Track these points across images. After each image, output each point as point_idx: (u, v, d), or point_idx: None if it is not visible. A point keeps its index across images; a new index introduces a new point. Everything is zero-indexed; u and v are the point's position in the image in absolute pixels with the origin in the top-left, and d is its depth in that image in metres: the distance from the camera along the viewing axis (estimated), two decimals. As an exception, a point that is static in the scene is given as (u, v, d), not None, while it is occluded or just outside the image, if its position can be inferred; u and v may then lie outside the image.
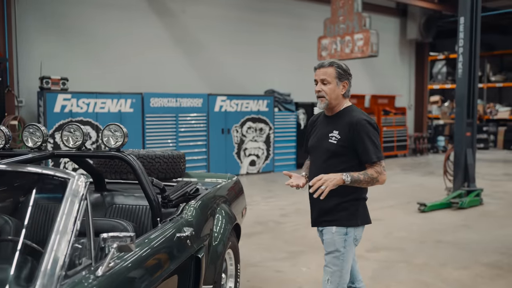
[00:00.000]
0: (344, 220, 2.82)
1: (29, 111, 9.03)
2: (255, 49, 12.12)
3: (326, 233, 2.88)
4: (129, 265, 2.20)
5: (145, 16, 10.43)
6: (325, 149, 2.84)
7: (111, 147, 3.00)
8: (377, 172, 2.76)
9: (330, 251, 2.86)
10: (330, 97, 2.84)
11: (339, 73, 2.84)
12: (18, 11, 8.81)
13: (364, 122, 2.79)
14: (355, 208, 2.85)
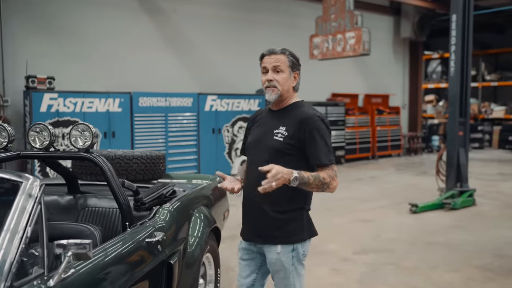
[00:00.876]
0: (291, 235, 2.44)
1: (15, 111, 8.86)
2: (247, 48, 11.97)
3: (270, 253, 2.48)
4: (87, 274, 2.05)
5: (136, 15, 10.28)
6: (268, 147, 2.45)
7: (79, 148, 2.86)
8: (330, 177, 2.36)
9: (278, 271, 2.49)
10: (282, 87, 2.46)
11: (292, 62, 2.49)
12: (3, 8, 8.64)
13: (316, 119, 2.43)
14: (301, 221, 2.47)
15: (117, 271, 2.29)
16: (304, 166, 2.41)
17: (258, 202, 2.45)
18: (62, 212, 3.33)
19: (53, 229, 2.71)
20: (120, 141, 9.24)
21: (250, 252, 2.60)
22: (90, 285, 2.05)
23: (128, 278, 2.34)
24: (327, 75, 13.38)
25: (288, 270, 2.47)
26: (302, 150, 2.43)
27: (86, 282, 2.02)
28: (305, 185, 2.29)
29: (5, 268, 1.72)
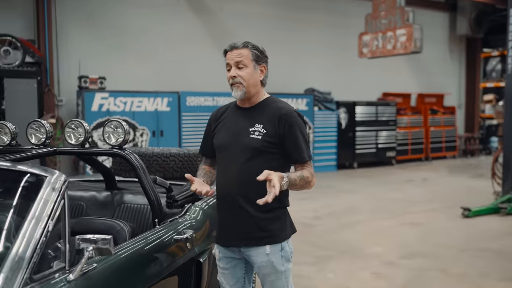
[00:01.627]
0: (277, 234, 2.33)
1: (69, 110, 9.21)
2: (294, 47, 11.88)
3: (258, 256, 2.33)
4: (109, 269, 2.05)
5: (183, 15, 10.42)
6: (245, 147, 2.31)
7: (112, 144, 2.88)
8: (311, 174, 2.29)
9: (268, 274, 2.35)
10: (248, 83, 2.32)
11: (256, 55, 2.34)
12: (58, 13, 9.00)
13: (295, 115, 2.32)
14: (284, 218, 2.38)
15: (142, 267, 2.28)
16: (282, 163, 2.32)
17: (239, 204, 2.31)
18: (99, 208, 3.38)
19: (85, 224, 2.77)
20: (168, 140, 9.40)
21: (232, 259, 2.44)
22: (111, 279, 2.05)
23: (154, 274, 2.33)
24: (377, 74, 13.04)
25: (280, 271, 2.35)
26: (281, 147, 2.32)
27: (107, 277, 2.02)
28: (293, 186, 2.22)
29: (25, 260, 1.74)
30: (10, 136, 3.04)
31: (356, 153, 12.12)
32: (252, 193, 2.21)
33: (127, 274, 2.16)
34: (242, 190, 2.30)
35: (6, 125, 3.03)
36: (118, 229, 2.66)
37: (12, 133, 3.04)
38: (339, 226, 6.55)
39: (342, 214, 7.26)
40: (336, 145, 11.73)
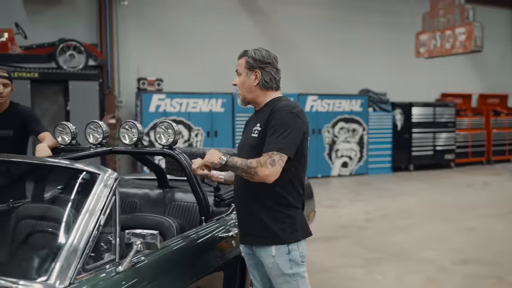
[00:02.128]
0: (281, 235, 2.31)
1: (128, 111, 9.59)
2: (349, 48, 11.76)
3: (265, 258, 2.35)
4: (156, 262, 2.17)
5: (236, 17, 10.58)
6: (248, 146, 2.42)
7: (163, 144, 3.01)
8: (258, 163, 2.22)
9: (276, 276, 2.36)
10: (241, 90, 2.49)
11: (248, 63, 2.46)
12: (119, 18, 9.40)
13: (282, 109, 2.31)
14: (291, 220, 2.34)
15: (188, 262, 2.38)
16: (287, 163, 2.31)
17: (245, 202, 2.40)
18: (151, 205, 3.53)
19: (137, 220, 2.91)
20: (222, 140, 9.58)
21: (253, 256, 2.49)
22: (158, 272, 2.16)
23: (199, 269, 2.43)
24: (435, 74, 12.66)
25: (287, 274, 2.34)
26: None
27: (154, 270, 2.14)
28: (233, 167, 2.29)
29: (79, 251, 1.88)
30: (70, 136, 3.24)
31: (412, 155, 11.83)
32: (256, 190, 2.30)
33: (173, 268, 2.26)
34: (246, 188, 2.37)
35: (68, 126, 3.24)
36: (167, 225, 2.78)
37: (72, 133, 3.24)
38: (391, 229, 6.44)
39: (395, 217, 7.13)
40: (391, 147, 11.50)
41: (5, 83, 3.47)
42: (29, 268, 1.88)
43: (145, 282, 2.05)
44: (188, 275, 2.33)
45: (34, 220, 2.46)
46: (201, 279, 2.43)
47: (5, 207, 2.84)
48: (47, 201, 2.53)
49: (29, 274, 1.83)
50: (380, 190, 9.31)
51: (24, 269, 1.89)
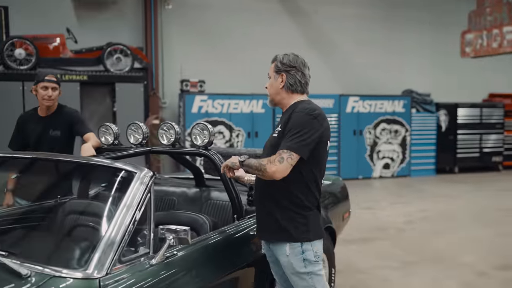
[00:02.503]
0: (295, 234, 2.40)
1: (172, 111, 9.87)
2: (391, 48, 11.61)
3: (280, 255, 2.46)
4: (187, 256, 2.30)
5: (277, 18, 10.66)
6: (269, 145, 2.56)
7: (198, 145, 3.15)
8: (268, 160, 2.30)
9: (291, 274, 2.46)
10: (269, 92, 2.65)
11: (276, 66, 2.60)
12: (164, 22, 9.69)
13: (301, 111, 2.40)
14: (304, 220, 2.42)
15: (217, 257, 2.50)
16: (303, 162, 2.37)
17: (263, 201, 2.51)
18: (189, 203, 3.68)
19: (173, 216, 3.06)
20: (262, 141, 9.56)
21: (272, 253, 2.59)
22: (189, 266, 2.28)
23: (229, 264, 2.54)
24: (481, 74, 12.30)
25: (301, 272, 2.42)
26: None
27: (185, 263, 2.27)
28: (250, 167, 2.38)
29: (115, 243, 2.03)
30: (113, 136, 3.44)
31: (457, 157, 11.55)
32: (272, 190, 2.41)
33: (204, 263, 2.39)
34: (264, 188, 2.47)
35: (110, 127, 3.43)
36: (201, 222, 2.92)
37: (115, 134, 3.43)
38: (431, 231, 6.35)
39: (436, 219, 7.02)
40: (435, 149, 11.27)
41: (54, 87, 3.70)
42: (71, 259, 2.05)
43: (177, 275, 2.18)
44: (219, 269, 2.44)
45: (77, 215, 2.65)
46: (232, 274, 2.54)
47: (53, 203, 3.06)
48: (90, 197, 2.71)
49: (71, 264, 1.99)
50: (422, 192, 9.17)
51: (67, 259, 2.05)
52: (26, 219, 2.80)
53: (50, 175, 2.92)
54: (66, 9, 9.11)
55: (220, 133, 9.50)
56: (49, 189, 3.02)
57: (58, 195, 3.03)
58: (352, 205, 7.84)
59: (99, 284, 1.89)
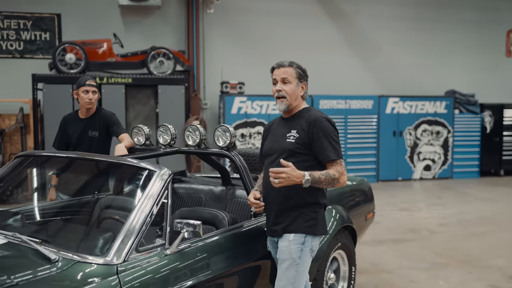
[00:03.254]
0: (302, 226, 2.62)
1: (212, 113, 10.18)
2: (434, 48, 11.44)
3: (282, 241, 2.65)
4: (200, 249, 2.50)
5: (318, 20, 10.75)
6: (282, 149, 2.66)
7: (220, 146, 3.35)
8: (338, 172, 2.56)
9: (284, 260, 2.62)
10: (290, 97, 2.70)
11: (299, 74, 2.72)
12: (205, 26, 10.01)
13: (322, 120, 2.63)
14: (314, 216, 2.65)
15: (229, 250, 2.69)
16: (315, 164, 2.62)
17: (274, 199, 2.65)
18: (215, 201, 3.89)
19: (196, 212, 3.28)
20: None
21: (274, 245, 2.78)
22: (201, 257, 2.49)
23: (241, 257, 2.73)
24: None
25: (295, 261, 2.59)
26: (311, 148, 2.62)
27: (198, 255, 2.47)
28: (317, 183, 2.52)
29: (134, 233, 2.26)
30: (145, 137, 3.70)
31: (503, 160, 11.23)
32: (288, 189, 2.56)
33: (216, 254, 2.59)
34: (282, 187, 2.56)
35: (142, 128, 3.70)
36: (220, 218, 3.12)
37: (146, 135, 3.69)
38: (465, 235, 6.30)
39: (472, 223, 6.93)
40: (479, 151, 11.02)
41: (94, 90, 4.02)
42: (96, 247, 2.30)
43: (189, 265, 2.39)
44: (229, 262, 2.63)
45: (107, 209, 2.92)
46: (243, 266, 2.73)
47: (90, 198, 3.36)
48: (120, 193, 2.98)
49: (94, 251, 2.24)
50: (462, 195, 9.02)
51: (92, 247, 2.31)
52: (65, 212, 3.10)
53: (87, 173, 3.20)
54: (114, 15, 9.59)
55: (259, 133, 9.71)
56: (87, 185, 3.31)
57: (95, 191, 3.32)
58: (388, 206, 7.93)
59: (117, 269, 2.12)
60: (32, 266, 2.09)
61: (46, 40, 9.36)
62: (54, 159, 3.15)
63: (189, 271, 2.37)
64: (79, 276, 2.05)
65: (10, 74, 9.08)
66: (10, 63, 9.22)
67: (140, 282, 2.15)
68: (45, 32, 9.34)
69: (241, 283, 2.73)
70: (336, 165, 2.59)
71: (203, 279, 2.41)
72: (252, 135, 9.66)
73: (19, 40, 9.25)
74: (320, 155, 2.61)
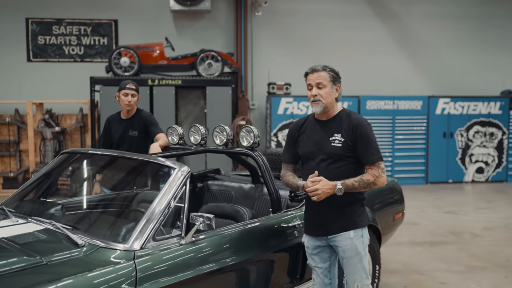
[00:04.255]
0: (359, 221, 2.83)
1: (260, 113, 10.41)
2: (488, 46, 11.05)
3: (342, 240, 2.82)
4: (214, 240, 2.72)
5: (366, 21, 10.69)
6: (328, 153, 2.80)
7: (245, 146, 3.55)
8: (373, 176, 2.75)
9: (351, 256, 2.81)
10: (326, 101, 2.81)
11: (332, 77, 2.84)
12: (254, 27, 10.25)
13: (364, 123, 2.80)
14: (363, 210, 2.89)
15: (245, 243, 2.88)
16: (357, 166, 2.82)
17: (328, 199, 2.74)
18: (244, 197, 4.10)
19: (219, 207, 3.51)
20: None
21: (318, 247, 2.93)
22: (214, 247, 2.70)
23: (256, 251, 2.92)
24: None
25: (361, 254, 2.82)
26: (355, 152, 2.79)
27: (211, 246, 2.69)
28: (352, 190, 2.73)
29: (151, 224, 2.51)
30: (178, 137, 3.97)
31: None
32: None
33: (229, 245, 2.79)
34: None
35: (176, 129, 3.97)
36: (241, 213, 3.33)
37: (179, 135, 3.96)
38: (509, 239, 6.15)
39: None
40: (538, 153, 10.56)
41: (133, 93, 4.34)
42: (119, 235, 2.57)
43: (202, 255, 2.62)
44: (242, 254, 2.83)
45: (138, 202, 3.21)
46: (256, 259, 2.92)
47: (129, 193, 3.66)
48: (145, 187, 3.26)
49: (117, 239, 2.51)
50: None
51: (116, 235, 2.58)
52: (99, 204, 3.42)
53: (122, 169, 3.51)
54: (167, 20, 10.03)
55: (304, 134, 9.83)
56: (121, 181, 3.62)
57: (128, 186, 3.62)
58: (433, 209, 7.85)
59: (134, 255, 2.38)
60: (61, 249, 2.39)
61: (104, 45, 9.96)
62: (93, 156, 3.48)
63: (201, 261, 2.59)
64: (100, 259, 2.32)
65: (72, 77, 9.74)
66: (72, 67, 9.89)
67: (154, 267, 2.39)
68: (103, 37, 9.94)
69: (251, 276, 2.93)
70: (373, 169, 2.77)
71: (213, 269, 2.63)
72: (298, 135, 9.79)
73: (80, 45, 9.90)
74: (362, 158, 2.79)
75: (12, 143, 9.21)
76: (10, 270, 2.19)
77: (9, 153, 9.21)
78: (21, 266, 2.22)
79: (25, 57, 9.78)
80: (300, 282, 3.27)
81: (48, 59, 9.84)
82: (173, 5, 9.50)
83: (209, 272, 2.60)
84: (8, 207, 3.00)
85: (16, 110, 9.17)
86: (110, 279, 2.23)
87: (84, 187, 3.61)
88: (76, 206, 3.21)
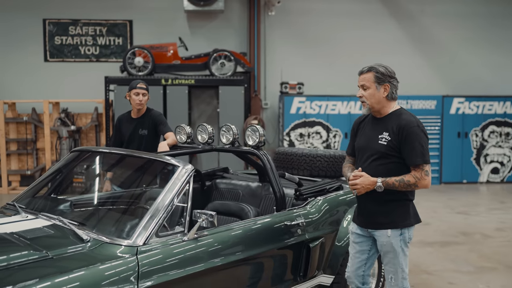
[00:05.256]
0: (398, 221, 2.87)
1: (272, 112, 10.45)
2: (504, 46, 10.92)
3: (381, 236, 2.93)
4: (216, 237, 2.77)
5: (379, 21, 10.64)
6: (374, 150, 2.89)
7: (250, 145, 3.60)
8: (415, 178, 2.78)
9: (387, 252, 2.90)
10: (370, 101, 2.89)
11: (377, 77, 2.86)
12: (267, 27, 10.29)
13: (413, 125, 2.81)
14: (406, 209, 2.90)
15: (248, 241, 2.93)
16: (402, 165, 2.84)
17: (367, 194, 2.86)
18: (251, 196, 4.15)
19: (225, 205, 3.56)
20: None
21: (361, 236, 3.05)
22: (216, 244, 2.75)
23: (260, 247, 2.96)
24: None
25: (397, 252, 2.88)
26: (400, 152, 2.84)
27: (213, 242, 2.74)
28: (392, 188, 2.80)
29: (154, 221, 2.57)
30: (186, 136, 4.03)
31: None
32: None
33: (231, 243, 2.84)
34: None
35: (184, 128, 4.03)
36: (246, 211, 3.38)
37: (187, 134, 4.02)
38: (521, 240, 6.09)
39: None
40: (554, 154, 10.40)
41: (144, 93, 4.42)
42: (123, 230, 2.64)
43: (204, 251, 2.67)
44: (244, 251, 2.87)
45: (139, 199, 3.28)
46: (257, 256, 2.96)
47: (138, 190, 3.74)
48: (151, 185, 3.33)
49: (121, 234, 2.58)
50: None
51: (120, 230, 2.65)
52: (106, 201, 3.50)
53: (130, 167, 3.58)
54: (180, 20, 10.13)
55: (317, 133, 9.85)
56: (129, 178, 3.70)
57: (135, 184, 3.69)
58: (445, 209, 7.81)
59: (137, 250, 2.44)
60: (67, 244, 2.46)
61: (119, 45, 10.10)
62: (102, 154, 3.56)
63: (203, 257, 2.65)
64: (104, 254, 2.39)
65: (87, 77, 9.90)
66: (87, 67, 10.05)
67: (157, 263, 2.46)
68: (118, 37, 10.08)
69: (253, 272, 2.98)
70: (417, 171, 2.79)
71: (215, 265, 2.68)
72: (310, 135, 9.81)
73: (95, 45, 10.06)
74: (407, 159, 2.82)
75: (29, 141, 9.41)
76: (18, 263, 2.27)
77: (26, 151, 9.41)
78: (28, 260, 2.30)
79: (42, 57, 9.97)
80: (303, 280, 3.31)
81: (65, 59, 10.02)
82: (187, 5, 9.59)
83: (211, 268, 2.65)
84: (20, 203, 3.09)
85: (33, 109, 9.36)
86: (113, 274, 2.30)
87: (93, 185, 3.69)
88: (84, 203, 3.29)
